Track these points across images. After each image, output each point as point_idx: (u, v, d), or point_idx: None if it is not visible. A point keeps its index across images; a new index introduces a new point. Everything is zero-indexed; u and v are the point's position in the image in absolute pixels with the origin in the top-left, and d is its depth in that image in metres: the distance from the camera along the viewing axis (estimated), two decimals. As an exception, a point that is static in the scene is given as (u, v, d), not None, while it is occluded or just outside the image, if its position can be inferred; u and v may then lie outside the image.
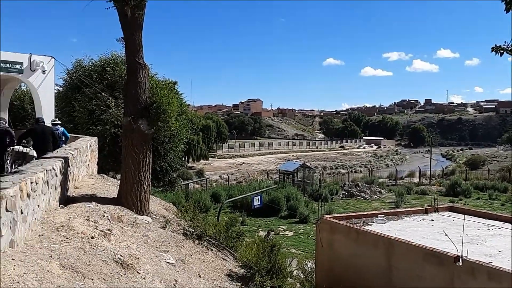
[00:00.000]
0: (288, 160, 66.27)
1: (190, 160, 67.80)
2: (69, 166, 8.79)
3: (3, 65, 17.56)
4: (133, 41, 8.66)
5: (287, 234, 21.12)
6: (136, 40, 8.68)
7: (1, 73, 17.73)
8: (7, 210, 4.68)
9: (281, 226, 22.66)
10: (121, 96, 20.27)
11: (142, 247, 6.62)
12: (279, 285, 8.87)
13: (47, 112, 18.37)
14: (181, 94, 22.34)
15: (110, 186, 11.42)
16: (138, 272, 5.43)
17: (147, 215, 8.81)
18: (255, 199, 20.98)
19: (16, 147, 10.68)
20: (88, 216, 6.75)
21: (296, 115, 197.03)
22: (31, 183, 5.73)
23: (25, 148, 10.65)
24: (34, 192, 5.87)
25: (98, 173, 15.18)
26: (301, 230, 21.95)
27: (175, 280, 6.04)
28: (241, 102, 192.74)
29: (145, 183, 8.97)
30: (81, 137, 15.78)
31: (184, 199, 23.58)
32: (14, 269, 3.94)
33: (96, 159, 15.45)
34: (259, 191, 24.69)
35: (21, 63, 18.06)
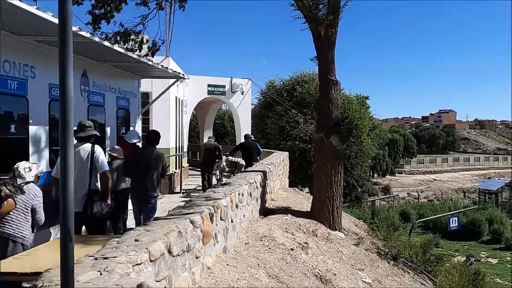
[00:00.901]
0: (489, 177, 59.15)
1: (375, 175, 66.04)
2: (266, 180, 9.40)
3: (209, 88, 19.99)
4: (326, 59, 8.87)
5: (490, 262, 18.77)
6: (329, 58, 8.87)
7: (208, 96, 20.20)
8: (221, 219, 5.21)
9: (483, 252, 20.25)
10: (309, 113, 21.06)
11: (338, 263, 6.63)
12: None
13: (244, 129, 20.17)
14: (368, 107, 22.03)
15: (302, 200, 11.83)
16: (336, 288, 5.46)
17: (339, 231, 8.82)
18: (451, 220, 19.22)
19: (230, 158, 12.74)
20: (286, 228, 7.08)
21: (497, 126, 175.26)
22: (239, 194, 6.29)
23: (236, 158, 12.55)
24: (241, 203, 6.42)
25: (289, 186, 15.90)
26: (508, 257, 19.25)
27: (372, 300, 5.88)
28: (431, 113, 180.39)
29: (337, 198, 9.02)
30: (274, 152, 16.80)
31: (371, 215, 23.03)
32: (229, 273, 4.34)
33: (288, 173, 16.23)
34: (455, 211, 22.55)
35: (224, 86, 20.28)
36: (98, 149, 5.88)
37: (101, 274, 2.50)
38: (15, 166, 4.91)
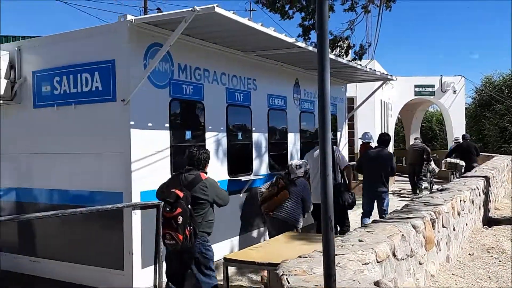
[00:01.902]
0: None
1: None
2: (489, 186, 8.46)
3: (416, 89, 19.02)
4: None
5: None
6: None
7: (415, 97, 19.24)
8: (443, 226, 4.89)
9: None
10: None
11: None
12: None
13: (457, 131, 18.54)
14: None
15: (534, 210, 10.23)
16: None
17: None
18: None
19: (448, 159, 12.99)
20: (518, 241, 6.22)
21: None
22: (460, 201, 5.81)
23: (455, 160, 12.72)
24: (463, 210, 5.92)
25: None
26: None
27: None
28: None
29: None
30: (495, 156, 15.01)
31: None
32: (455, 284, 4.04)
33: (512, 180, 14.28)
34: None
35: (433, 86, 19.04)
36: (336, 148, 6.86)
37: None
38: (289, 163, 6.09)
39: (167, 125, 5.54)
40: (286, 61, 7.89)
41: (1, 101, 5.91)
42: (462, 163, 12.40)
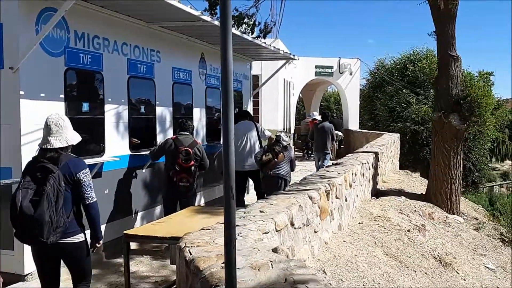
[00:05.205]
0: None
1: (493, 160, 60.33)
2: (378, 161, 9.20)
3: (317, 70, 19.86)
4: (446, 34, 8.33)
5: None
6: (449, 32, 8.33)
7: (315, 77, 20.09)
8: (336, 197, 5.25)
9: None
10: (422, 92, 19.97)
11: (457, 247, 6.32)
12: None
13: (353, 110, 19.79)
14: (493, 84, 20.17)
15: (415, 182, 11.38)
16: (457, 272, 5.22)
17: (457, 215, 8.36)
18: None
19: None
20: (400, 210, 6.91)
21: None
22: (352, 174, 6.27)
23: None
24: (354, 182, 6.40)
25: (399, 169, 15.33)
26: None
27: (497, 287, 5.53)
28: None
29: (455, 181, 8.53)
30: (384, 133, 16.28)
31: (488, 202, 21.30)
32: (346, 250, 4.39)
33: (398, 155, 15.66)
34: None
35: (331, 67, 20.01)
36: (258, 124, 8.10)
37: (236, 238, 2.70)
38: (280, 136, 6.98)
39: (62, 96, 5.20)
40: (192, 35, 7.77)
41: None
42: (341, 134, 15.58)
